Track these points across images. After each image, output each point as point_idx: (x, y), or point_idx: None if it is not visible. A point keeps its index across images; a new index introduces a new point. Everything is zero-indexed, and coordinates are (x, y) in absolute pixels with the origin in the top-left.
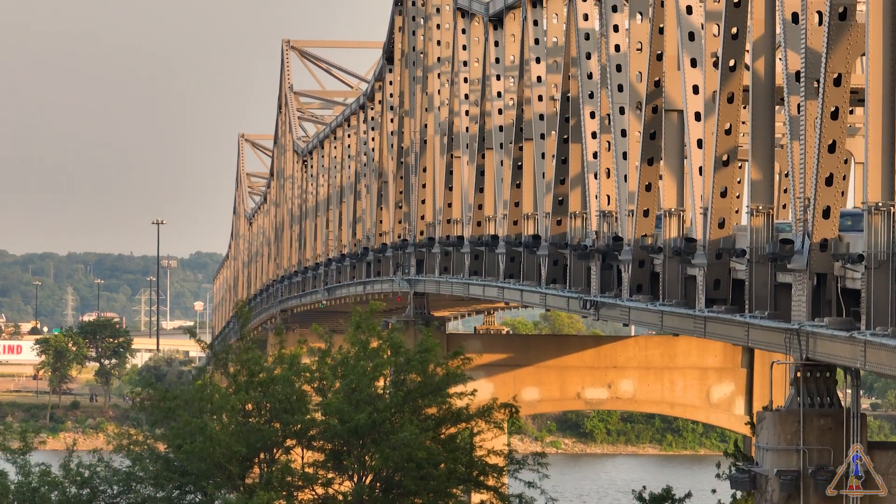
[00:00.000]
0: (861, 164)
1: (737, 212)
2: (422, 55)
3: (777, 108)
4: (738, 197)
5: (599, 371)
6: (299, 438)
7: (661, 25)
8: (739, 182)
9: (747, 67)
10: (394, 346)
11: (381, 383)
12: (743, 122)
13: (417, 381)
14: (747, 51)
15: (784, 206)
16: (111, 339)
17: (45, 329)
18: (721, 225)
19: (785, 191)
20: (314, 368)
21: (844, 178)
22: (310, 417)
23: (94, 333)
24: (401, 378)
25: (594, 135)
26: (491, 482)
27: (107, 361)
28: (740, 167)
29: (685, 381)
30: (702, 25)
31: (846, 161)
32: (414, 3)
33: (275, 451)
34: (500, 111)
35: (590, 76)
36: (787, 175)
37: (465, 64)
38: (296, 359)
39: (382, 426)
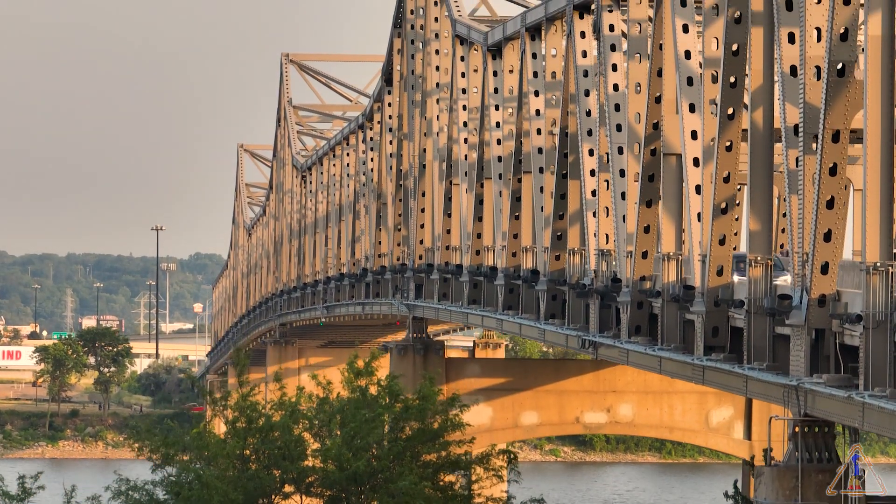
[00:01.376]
0: (859, 191)
1: (736, 234)
2: (421, 79)
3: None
4: (736, 220)
5: (598, 395)
6: (297, 485)
7: (660, 67)
8: (738, 204)
9: (746, 107)
10: (392, 394)
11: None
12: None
13: (416, 428)
14: (746, 88)
15: (783, 231)
16: (110, 347)
17: (45, 333)
18: (719, 272)
19: (784, 215)
20: (312, 416)
21: (844, 204)
22: (308, 464)
23: (94, 341)
24: (399, 425)
25: (593, 172)
26: None
27: (106, 370)
28: (739, 189)
29: (684, 405)
30: (700, 63)
31: (845, 187)
32: (413, 27)
33: (273, 497)
34: (498, 141)
35: (588, 113)
36: (785, 200)
37: (463, 91)
38: (295, 405)
39: (381, 474)
